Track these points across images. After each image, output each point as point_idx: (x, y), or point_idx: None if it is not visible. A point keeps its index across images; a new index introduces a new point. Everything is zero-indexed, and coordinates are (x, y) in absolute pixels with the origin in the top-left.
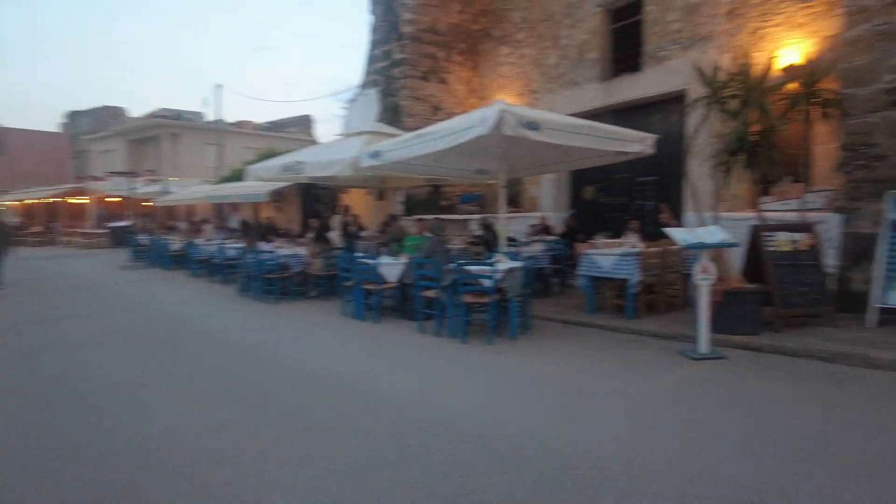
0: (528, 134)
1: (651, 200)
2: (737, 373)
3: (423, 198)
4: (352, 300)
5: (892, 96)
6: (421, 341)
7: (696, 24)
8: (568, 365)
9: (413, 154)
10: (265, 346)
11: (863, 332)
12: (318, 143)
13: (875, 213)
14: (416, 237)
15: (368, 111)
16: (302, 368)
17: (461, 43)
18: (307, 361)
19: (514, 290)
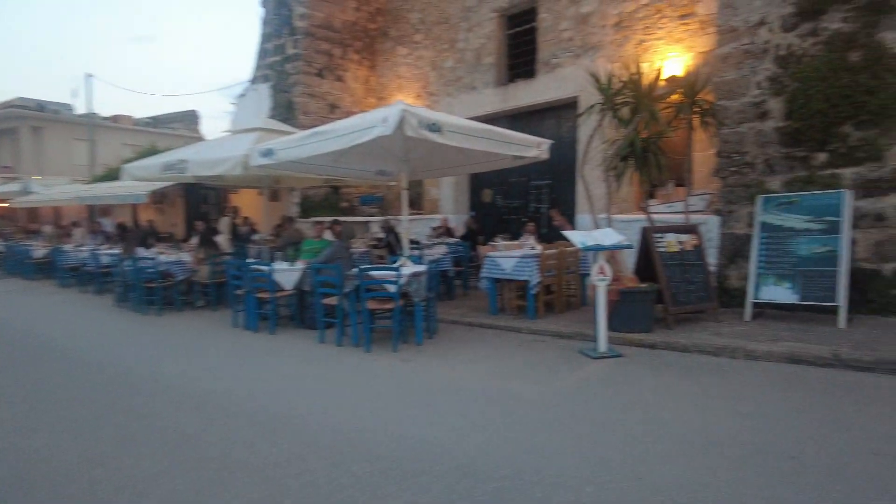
0: (430, 136)
1: (545, 203)
2: (635, 370)
3: (320, 199)
4: (244, 310)
5: (759, 109)
6: (322, 352)
7: (587, 34)
8: (474, 369)
9: (309, 153)
10: (146, 365)
11: (741, 326)
12: (205, 141)
13: (747, 215)
14: (315, 241)
15: (259, 107)
16: (189, 388)
17: (358, 41)
18: (195, 380)
19: (419, 295)
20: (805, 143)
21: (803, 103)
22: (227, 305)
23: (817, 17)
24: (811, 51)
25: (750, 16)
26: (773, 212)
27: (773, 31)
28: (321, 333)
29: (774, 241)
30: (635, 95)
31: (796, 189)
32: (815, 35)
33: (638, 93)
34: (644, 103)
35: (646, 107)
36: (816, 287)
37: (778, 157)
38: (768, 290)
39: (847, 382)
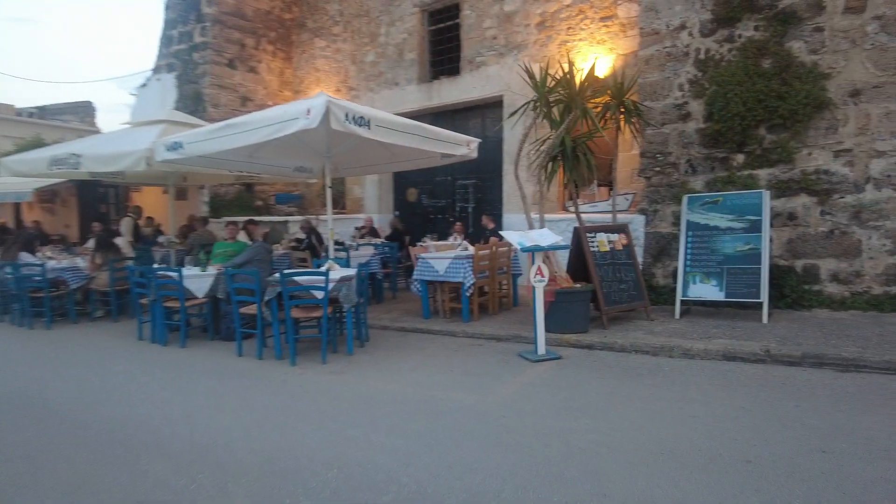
0: (357, 130)
1: (472, 202)
2: (577, 374)
3: (231, 198)
4: (150, 321)
5: (682, 111)
6: (242, 367)
7: (511, 33)
8: (413, 380)
9: (222, 147)
10: (32, 388)
11: (673, 324)
12: (101, 134)
13: (671, 214)
14: (228, 243)
15: (164, 98)
16: (86, 416)
17: (272, 31)
18: (94, 405)
19: (350, 301)
20: (724, 145)
21: (723, 106)
22: (131, 315)
23: (733, 25)
24: (728, 56)
25: (671, 20)
26: (698, 211)
27: (693, 36)
28: (239, 346)
29: (700, 239)
30: (568, 94)
31: (717, 189)
32: (731, 41)
33: (571, 91)
34: (576, 102)
35: (578, 105)
36: (741, 284)
37: (699, 158)
38: (696, 287)
39: (780, 378)
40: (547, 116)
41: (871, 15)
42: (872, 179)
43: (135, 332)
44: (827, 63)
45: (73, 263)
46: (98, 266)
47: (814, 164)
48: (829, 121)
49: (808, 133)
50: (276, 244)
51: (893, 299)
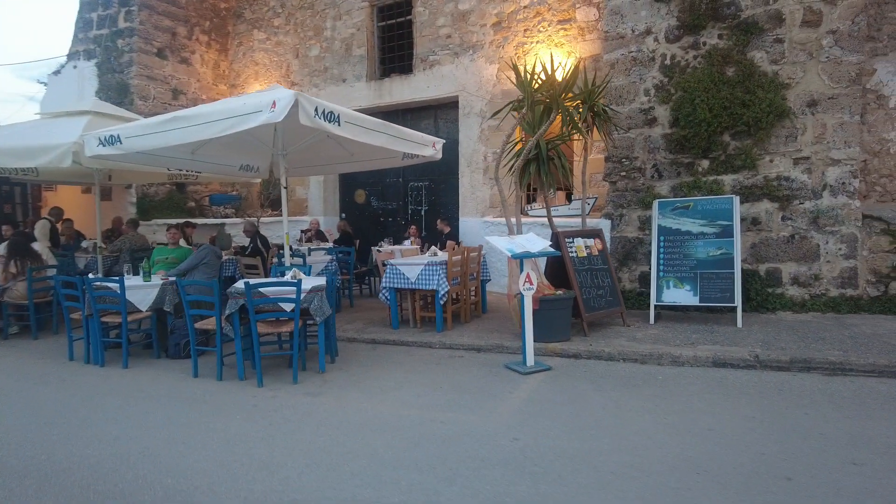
0: (327, 127)
1: (424, 205)
2: (573, 386)
3: (162, 198)
4: (84, 338)
5: (648, 115)
6: (201, 389)
7: (465, 32)
8: (400, 399)
9: (168, 143)
10: None
11: (651, 330)
12: (11, 125)
13: (637, 219)
14: (170, 249)
15: (81, 88)
16: (24, 464)
17: (206, 20)
18: (31, 447)
19: (321, 314)
20: (690, 151)
21: (689, 112)
22: (54, 331)
23: (697, 32)
24: (693, 63)
25: (637, 24)
26: (669, 216)
27: (658, 41)
28: (195, 365)
29: (673, 244)
30: (551, 94)
31: (683, 194)
32: (697, 48)
33: (554, 92)
34: (558, 103)
35: (561, 107)
36: (714, 288)
37: (665, 163)
38: (670, 292)
39: (775, 384)
40: (531, 117)
41: (826, 29)
42: (829, 186)
43: (63, 351)
44: (787, 73)
45: None
46: (13, 275)
47: (775, 171)
48: (788, 129)
49: (770, 140)
50: (224, 249)
51: (849, 301)
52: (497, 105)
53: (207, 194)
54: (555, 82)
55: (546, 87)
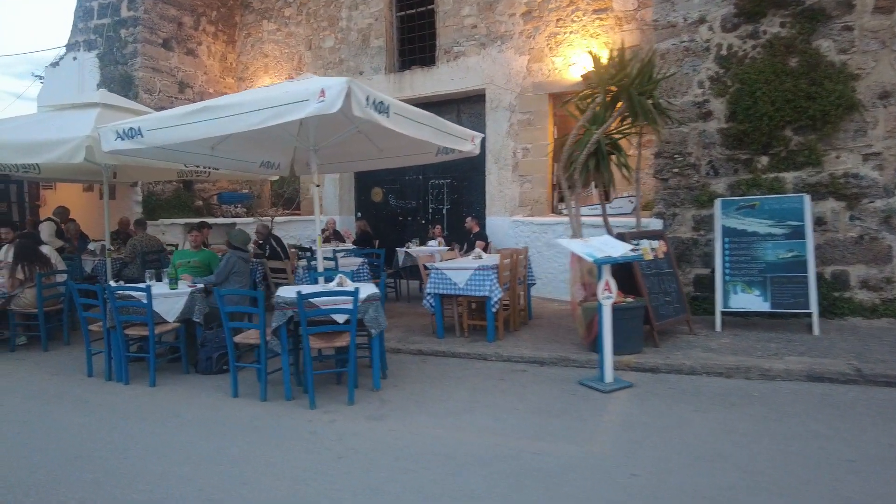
0: (377, 118)
1: (446, 203)
2: (664, 406)
3: (169, 196)
4: (104, 351)
5: (702, 109)
6: (245, 412)
7: (493, 22)
8: (476, 424)
9: (196, 136)
10: None
11: (723, 339)
12: (12, 118)
13: (691, 218)
14: (192, 252)
15: (82, 80)
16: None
17: (213, 10)
18: (64, 488)
19: (377, 326)
20: (749, 146)
21: (749, 105)
22: (65, 342)
23: (757, 20)
24: (752, 53)
25: (689, 12)
26: (733, 216)
27: (713, 31)
28: (235, 384)
29: (738, 246)
30: (622, 85)
31: (741, 192)
32: (756, 37)
33: (625, 81)
34: (629, 95)
35: (633, 98)
36: (786, 294)
37: (721, 159)
38: (738, 298)
39: (891, 402)
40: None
41: None
42: None
43: (80, 365)
44: (856, 63)
45: None
46: (20, 282)
47: (842, 168)
48: (858, 123)
49: (837, 135)
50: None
51: None
52: (528, 98)
53: (216, 192)
54: (626, 71)
55: (619, 77)
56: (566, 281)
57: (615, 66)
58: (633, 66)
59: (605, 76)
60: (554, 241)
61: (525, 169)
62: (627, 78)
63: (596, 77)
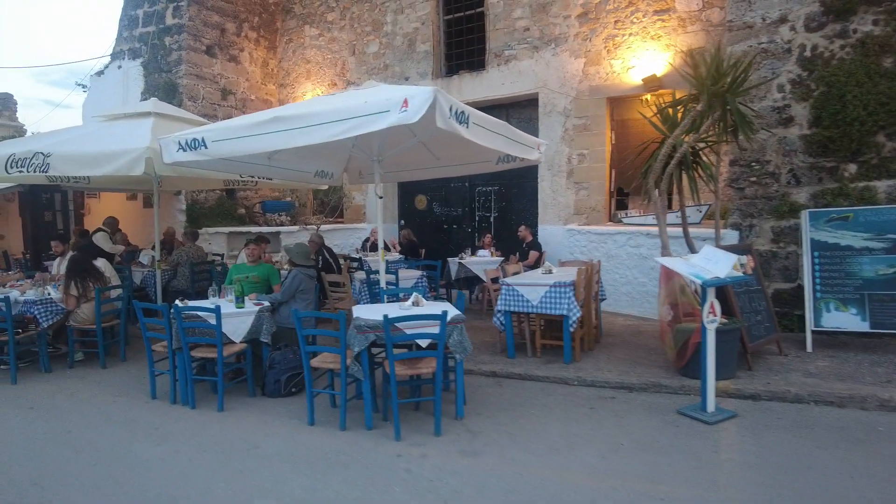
0: (458, 128)
1: (493, 211)
2: (784, 442)
3: (212, 205)
4: (168, 373)
5: (782, 114)
6: (327, 444)
7: (546, 24)
8: (579, 462)
9: (267, 147)
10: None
11: (819, 361)
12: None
13: (769, 230)
14: (250, 266)
15: (127, 89)
16: None
17: (255, 16)
18: None
19: (463, 351)
20: (835, 153)
21: (838, 110)
22: (120, 358)
23: (847, 18)
24: (840, 54)
25: (768, 12)
26: (824, 228)
27: (795, 31)
28: (311, 412)
29: (830, 261)
30: (718, 90)
31: (825, 202)
32: (845, 37)
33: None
34: (725, 100)
35: (731, 102)
36: (890, 312)
37: (804, 167)
38: (830, 316)
39: None
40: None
41: None
42: None
43: (139, 384)
44: None
45: (42, 295)
46: (76, 298)
47: None
48: None
49: None
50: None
51: None
52: (584, 103)
53: (259, 201)
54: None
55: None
56: (628, 294)
57: (713, 71)
58: (730, 70)
59: (707, 81)
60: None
61: (581, 176)
62: (724, 83)
63: (698, 82)
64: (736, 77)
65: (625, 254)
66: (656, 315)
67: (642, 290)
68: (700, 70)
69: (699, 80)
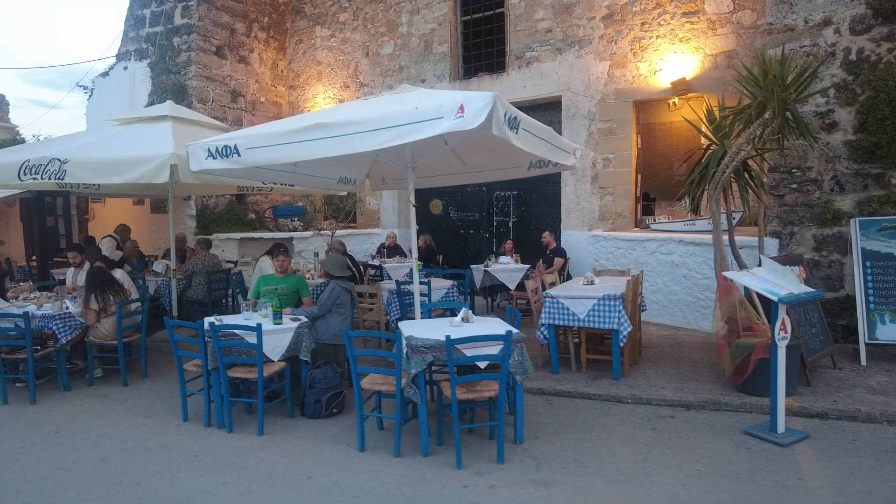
0: (508, 134)
1: (513, 216)
2: (868, 466)
3: (222, 210)
4: (199, 393)
5: (826, 119)
6: (385, 473)
7: (570, 26)
8: (661, 492)
9: (306, 155)
10: None
11: (879, 376)
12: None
13: (811, 238)
14: (279, 277)
15: (133, 91)
16: None
17: (265, 16)
18: None
19: (524, 372)
20: (882, 160)
21: (886, 114)
22: (141, 375)
23: (895, 21)
24: (888, 57)
25: (811, 14)
26: (875, 237)
27: (840, 33)
28: (361, 437)
29: (883, 271)
30: (780, 95)
31: (870, 210)
32: (893, 40)
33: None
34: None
35: (791, 107)
36: None
37: (848, 174)
38: (885, 328)
39: None
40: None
41: None
42: None
43: (168, 404)
44: None
45: (61, 308)
46: (95, 312)
47: None
48: None
49: None
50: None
51: None
52: (609, 106)
53: (269, 205)
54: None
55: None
56: (660, 303)
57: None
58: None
59: (777, 88)
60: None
61: (606, 180)
62: (791, 90)
63: (767, 89)
64: (800, 83)
65: (655, 261)
66: (690, 325)
67: (674, 299)
68: (770, 76)
69: (768, 86)
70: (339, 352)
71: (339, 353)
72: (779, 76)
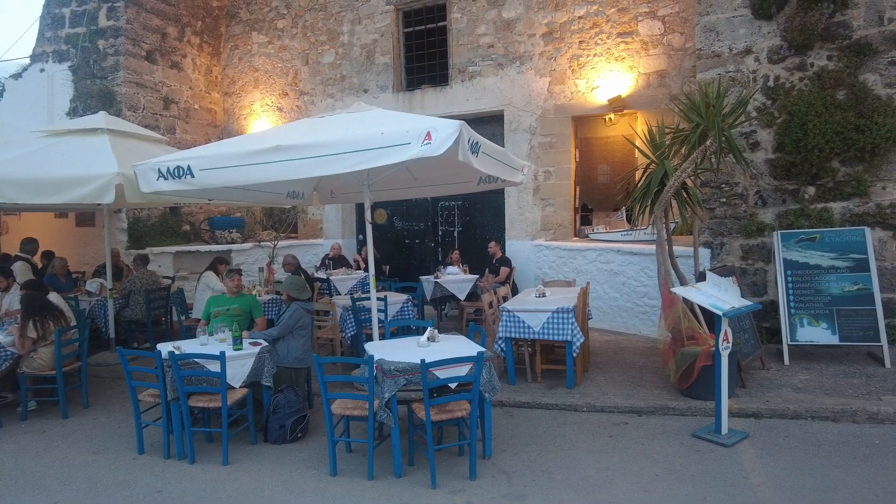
0: (471, 159)
1: (458, 226)
2: (801, 462)
3: (155, 222)
4: (153, 423)
5: (749, 139)
6: (362, 499)
7: (511, 42)
8: (625, 499)
9: (265, 178)
10: None
11: (801, 374)
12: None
13: (739, 248)
14: (230, 298)
15: (52, 95)
16: None
17: (198, 20)
18: None
19: (491, 390)
20: (796, 177)
21: (800, 137)
22: (82, 405)
23: (804, 53)
24: (799, 85)
25: (735, 43)
26: (794, 248)
27: (759, 62)
28: (333, 461)
29: (801, 279)
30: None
31: (788, 222)
32: (803, 70)
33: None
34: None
35: (726, 134)
36: (854, 326)
37: (769, 190)
38: (804, 331)
39: None
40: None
41: None
42: None
43: (118, 437)
44: None
45: None
46: (33, 341)
47: (888, 198)
48: None
49: (883, 167)
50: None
51: None
52: (549, 121)
53: (205, 217)
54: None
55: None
56: (600, 309)
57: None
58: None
59: (712, 112)
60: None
61: (547, 192)
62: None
63: (708, 118)
64: (737, 114)
65: (595, 269)
66: (630, 330)
67: (614, 306)
68: (710, 108)
69: (710, 116)
70: (300, 375)
71: (300, 377)
72: (718, 107)
